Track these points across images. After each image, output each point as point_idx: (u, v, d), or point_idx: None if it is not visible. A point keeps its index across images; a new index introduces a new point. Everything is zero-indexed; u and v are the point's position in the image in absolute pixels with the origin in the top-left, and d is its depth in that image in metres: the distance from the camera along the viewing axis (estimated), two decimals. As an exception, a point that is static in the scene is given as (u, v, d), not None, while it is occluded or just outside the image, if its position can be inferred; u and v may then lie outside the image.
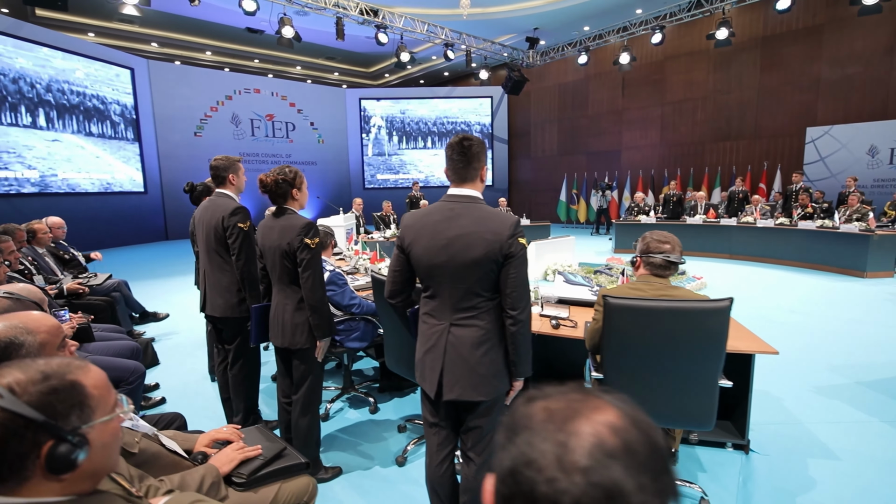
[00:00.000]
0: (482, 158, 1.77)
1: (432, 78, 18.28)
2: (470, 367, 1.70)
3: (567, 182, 14.48)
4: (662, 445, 0.48)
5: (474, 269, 1.66)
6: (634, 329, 1.90)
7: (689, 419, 1.98)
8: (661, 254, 2.05)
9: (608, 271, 6.00)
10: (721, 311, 1.80)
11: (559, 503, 0.42)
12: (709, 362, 1.87)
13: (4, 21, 9.72)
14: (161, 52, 14.83)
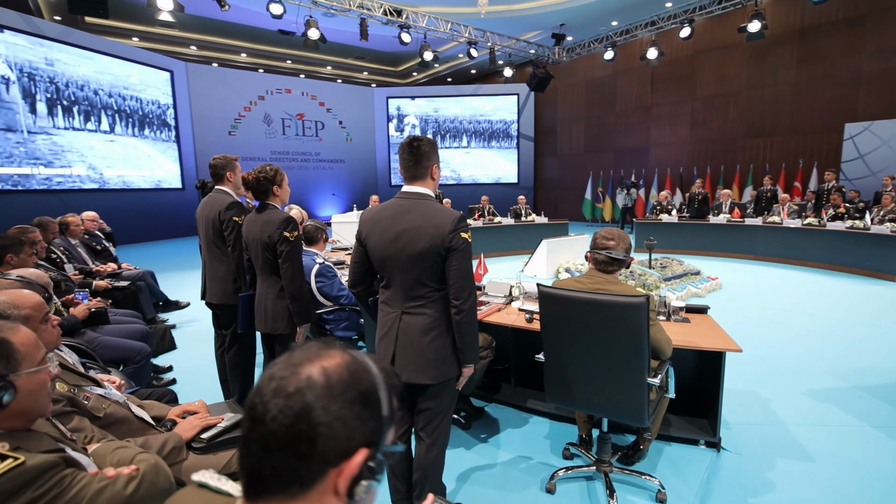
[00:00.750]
0: (432, 157, 1.87)
1: (460, 76, 18.36)
2: (418, 353, 1.83)
3: (593, 180, 14.28)
4: (366, 387, 0.61)
5: (420, 260, 1.78)
6: (562, 318, 1.98)
7: (621, 411, 2.03)
8: (604, 250, 2.11)
9: (617, 270, 5.95)
10: (636, 306, 1.84)
11: (264, 417, 0.57)
12: (631, 356, 1.91)
13: (54, 28, 10.46)
14: (199, 55, 15.53)
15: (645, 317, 1.87)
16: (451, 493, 2.26)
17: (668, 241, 8.87)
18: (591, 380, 2.02)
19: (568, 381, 2.07)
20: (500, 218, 9.35)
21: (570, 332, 1.99)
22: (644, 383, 1.94)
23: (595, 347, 1.96)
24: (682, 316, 2.69)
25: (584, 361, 2.01)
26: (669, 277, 5.90)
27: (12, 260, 2.71)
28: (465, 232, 1.79)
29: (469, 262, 1.81)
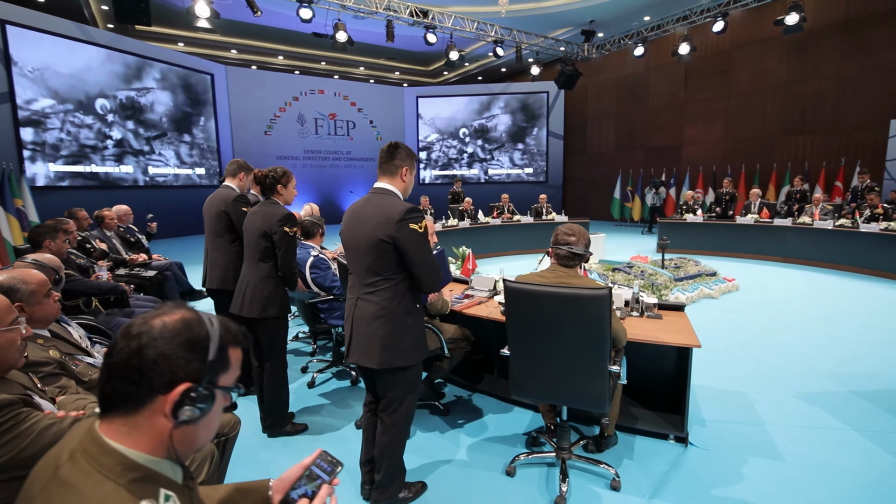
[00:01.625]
0: (405, 161, 2.04)
1: (490, 74, 18.40)
2: (364, 337, 2.00)
3: (622, 179, 14.04)
4: (195, 336, 0.79)
5: (370, 249, 1.95)
6: (527, 311, 2.07)
7: (583, 399, 2.11)
8: (566, 245, 2.19)
9: (627, 269, 5.94)
10: (599, 298, 1.92)
11: (112, 351, 0.76)
12: (594, 346, 1.99)
13: (105, 35, 11.25)
14: (239, 58, 16.27)
15: (607, 309, 1.95)
16: (417, 471, 2.41)
17: (692, 241, 8.67)
18: (554, 370, 2.10)
19: (532, 373, 2.16)
20: (519, 216, 9.39)
21: (535, 325, 2.08)
22: (606, 371, 2.03)
23: (559, 339, 2.04)
24: (655, 312, 2.73)
25: (549, 353, 2.09)
26: (681, 278, 5.82)
27: (49, 245, 3.06)
28: (415, 223, 1.92)
29: (423, 251, 1.94)
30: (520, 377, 2.20)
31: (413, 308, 2.04)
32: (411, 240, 1.90)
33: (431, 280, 2.01)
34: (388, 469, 2.10)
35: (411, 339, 2.02)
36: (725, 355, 3.92)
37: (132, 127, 11.71)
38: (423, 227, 1.94)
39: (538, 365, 2.13)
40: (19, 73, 9.54)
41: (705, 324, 4.76)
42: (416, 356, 2.06)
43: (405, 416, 2.11)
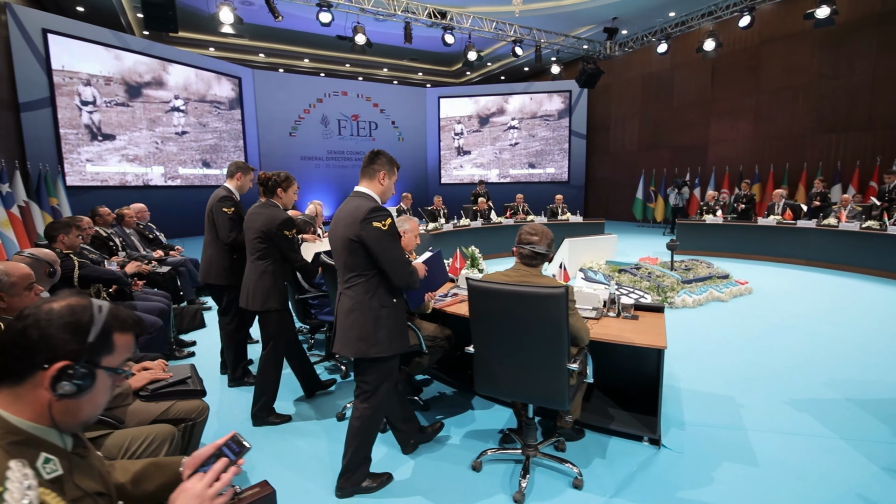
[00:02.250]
0: (384, 167, 2.18)
1: (512, 74, 18.32)
2: (343, 329, 2.15)
3: (645, 179, 13.75)
4: (78, 320, 0.89)
5: (343, 248, 2.09)
6: (489, 309, 2.10)
7: (544, 397, 2.13)
8: (528, 245, 2.22)
9: (634, 271, 5.86)
10: (556, 297, 1.94)
11: (5, 331, 0.86)
12: (552, 343, 2.01)
13: (140, 42, 11.80)
14: (267, 62, 16.76)
15: (564, 306, 1.97)
16: (386, 462, 2.48)
17: (711, 243, 8.44)
18: (516, 368, 2.14)
19: (496, 370, 2.19)
20: (532, 216, 9.34)
21: (497, 323, 2.11)
22: (564, 369, 2.05)
23: (520, 336, 2.08)
24: (631, 313, 2.72)
25: (510, 350, 2.13)
26: (690, 280, 5.69)
27: (63, 239, 3.27)
28: (378, 221, 2.02)
29: (390, 248, 2.04)
30: (484, 374, 2.23)
31: (388, 302, 2.15)
32: (375, 237, 2.01)
33: (401, 275, 2.11)
34: (355, 455, 2.20)
35: (385, 332, 2.12)
36: (721, 358, 3.83)
37: (162, 129, 12.24)
38: (388, 225, 2.04)
39: (500, 362, 2.17)
40: (59, 79, 10.12)
41: (707, 327, 4.65)
42: (391, 348, 2.15)
43: (377, 404, 2.21)
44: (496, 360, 2.17)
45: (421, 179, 17.28)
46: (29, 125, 9.67)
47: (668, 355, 3.86)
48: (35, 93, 9.82)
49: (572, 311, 2.15)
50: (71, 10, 11.66)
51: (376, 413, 2.23)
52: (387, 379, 2.22)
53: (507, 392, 2.24)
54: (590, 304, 2.82)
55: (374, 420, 2.23)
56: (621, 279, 5.69)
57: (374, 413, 2.22)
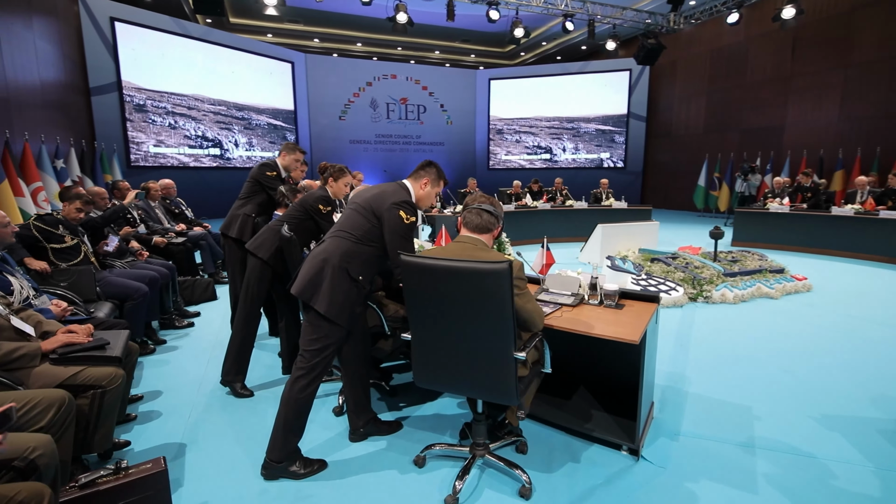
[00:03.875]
0: (431, 178, 2.29)
1: (569, 53, 17.38)
2: (305, 266, 2.20)
3: (708, 164, 12.57)
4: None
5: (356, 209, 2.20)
6: (423, 289, 1.83)
7: (489, 390, 1.85)
8: (475, 205, 1.95)
9: (669, 260, 5.31)
10: (497, 273, 1.64)
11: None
12: (495, 328, 1.73)
13: (199, 28, 12.33)
14: (322, 47, 17.04)
15: (507, 285, 1.67)
16: (326, 446, 2.31)
17: (775, 234, 7.52)
18: (456, 356, 1.87)
19: (434, 359, 1.94)
20: (572, 201, 8.79)
21: (433, 305, 1.84)
22: (511, 358, 1.76)
23: (459, 320, 1.80)
24: (614, 301, 2.33)
25: (449, 336, 1.86)
26: (734, 273, 5.03)
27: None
28: (406, 212, 2.13)
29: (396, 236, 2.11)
30: (421, 364, 1.98)
31: (361, 276, 2.13)
32: (394, 222, 2.10)
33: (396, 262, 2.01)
34: (283, 431, 2.06)
35: (341, 296, 2.07)
36: (748, 363, 3.31)
37: (218, 112, 12.78)
38: (411, 222, 2.12)
39: (438, 350, 1.91)
40: (125, 65, 10.79)
41: (745, 326, 4.07)
42: (333, 312, 2.05)
43: (311, 372, 2.08)
44: (434, 347, 1.91)
45: (468, 164, 16.96)
46: (98, 108, 10.41)
47: (684, 355, 3.39)
48: (103, 78, 10.54)
49: (521, 291, 1.85)
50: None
51: (310, 385, 2.10)
52: (326, 348, 2.10)
53: (448, 385, 1.97)
54: (568, 290, 2.46)
55: (306, 394, 2.09)
56: (652, 269, 5.15)
57: (308, 385, 2.09)
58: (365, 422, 2.39)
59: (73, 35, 9.73)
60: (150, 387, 3.01)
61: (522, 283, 1.86)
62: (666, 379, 3.05)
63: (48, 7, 8.65)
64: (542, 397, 2.63)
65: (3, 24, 6.89)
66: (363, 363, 2.36)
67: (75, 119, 9.52)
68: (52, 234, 3.22)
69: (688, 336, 3.83)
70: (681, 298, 4.60)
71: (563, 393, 2.66)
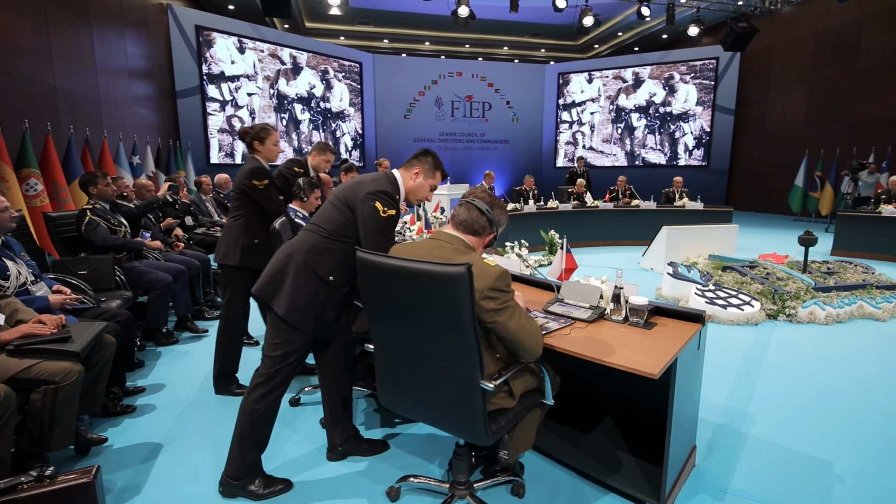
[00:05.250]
0: (424, 168, 1.98)
1: (648, 43, 16.17)
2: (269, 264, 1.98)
3: (808, 162, 11.01)
4: None
5: (331, 203, 1.92)
6: (376, 291, 1.52)
7: (454, 423, 1.51)
8: (470, 197, 1.63)
9: (745, 269, 4.58)
10: (452, 278, 1.30)
11: None
12: (453, 348, 1.39)
13: (274, 33, 12.89)
14: (391, 47, 17.26)
15: (465, 294, 1.32)
16: (296, 462, 2.07)
17: (884, 244, 6.32)
18: (416, 377, 1.56)
19: (395, 377, 1.63)
20: (638, 201, 8.01)
21: (389, 312, 1.55)
22: (475, 386, 1.41)
23: (415, 334, 1.50)
24: (642, 319, 1.86)
25: (407, 352, 1.55)
26: (828, 288, 4.19)
27: (93, 191, 3.44)
28: (382, 203, 1.82)
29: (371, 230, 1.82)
30: (382, 380, 1.68)
31: (341, 278, 1.89)
32: (368, 216, 1.81)
33: None
34: (242, 443, 1.84)
35: (304, 300, 1.83)
36: (834, 400, 2.65)
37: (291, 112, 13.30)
38: (388, 216, 1.82)
39: (399, 367, 1.59)
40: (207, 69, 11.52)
41: (838, 354, 3.33)
42: (296, 318, 1.82)
43: (271, 381, 1.85)
44: (394, 363, 1.60)
45: (534, 162, 16.35)
46: (182, 110, 11.20)
47: (750, 387, 2.79)
48: (188, 82, 11.32)
49: (503, 305, 1.46)
50: (224, 7, 13.22)
51: (272, 394, 1.86)
52: (290, 355, 1.86)
53: (410, 409, 1.65)
54: (586, 301, 2.03)
55: (269, 404, 1.86)
56: (723, 278, 4.44)
57: (269, 394, 1.86)
58: (343, 439, 2.12)
59: (162, 43, 10.51)
60: (158, 379, 2.98)
61: (505, 297, 1.47)
62: (721, 415, 2.49)
63: (139, 19, 9.39)
64: (555, 427, 2.21)
65: (98, 34, 7.51)
66: (343, 374, 2.09)
67: (163, 120, 10.29)
68: (109, 224, 3.37)
69: (759, 362, 3.18)
70: (756, 315, 3.89)
71: (582, 424, 2.23)
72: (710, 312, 3.98)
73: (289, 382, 1.91)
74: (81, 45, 6.89)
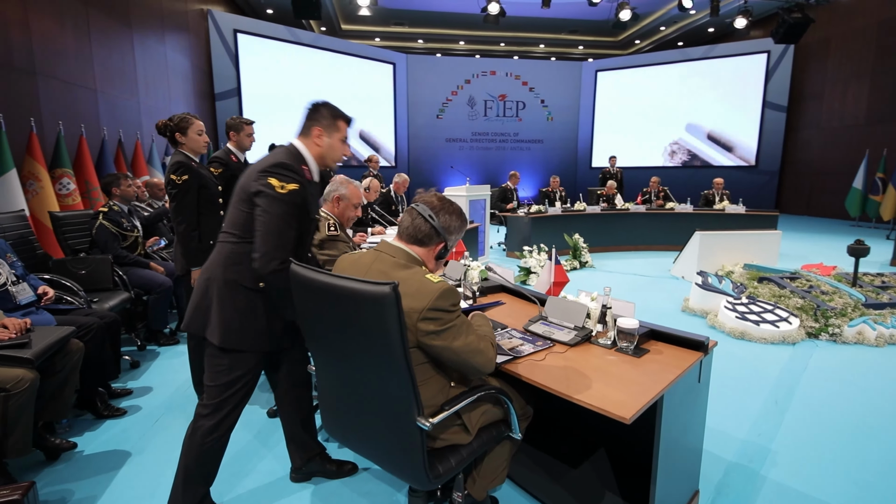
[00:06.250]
0: (324, 124, 1.74)
1: (692, 38, 15.36)
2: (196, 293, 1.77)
3: (869, 162, 10.09)
4: None
5: (237, 199, 1.65)
6: (306, 309, 1.37)
7: (389, 462, 1.34)
8: (418, 206, 1.43)
9: (785, 282, 4.17)
10: (376, 298, 1.12)
11: None
12: (384, 378, 1.21)
13: (309, 35, 13.08)
14: (425, 47, 17.20)
15: (392, 318, 1.14)
16: (261, 481, 1.95)
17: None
18: (351, 409, 1.40)
19: (332, 408, 1.48)
20: (672, 203, 7.54)
21: (320, 336, 1.38)
22: (411, 423, 1.22)
23: (346, 361, 1.34)
24: (631, 344, 1.62)
25: (341, 381, 1.39)
26: (881, 304, 3.72)
27: (116, 191, 3.50)
28: (278, 178, 1.57)
29: (273, 215, 1.55)
30: (324, 410, 1.51)
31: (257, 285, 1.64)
32: (267, 196, 1.54)
33: (260, 252, 1.53)
34: (187, 480, 1.66)
35: (238, 316, 1.62)
36: (880, 439, 2.28)
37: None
38: (288, 192, 1.55)
39: (335, 396, 1.43)
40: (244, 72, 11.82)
41: (889, 380, 2.91)
42: (239, 341, 1.62)
43: (218, 412, 1.64)
44: (331, 392, 1.44)
45: (569, 162, 15.88)
46: (220, 112, 11.53)
47: (777, 419, 2.47)
48: (226, 84, 11.64)
49: (443, 327, 1.27)
50: (262, 12, 13.54)
51: (216, 429, 1.64)
52: (234, 385, 1.64)
53: (349, 442, 1.47)
54: (570, 321, 1.80)
55: (211, 438, 1.64)
56: (759, 291, 4.03)
57: (213, 428, 1.64)
58: (306, 460, 1.98)
59: (202, 47, 10.84)
60: (148, 381, 2.95)
61: (448, 317, 1.28)
62: (737, 452, 2.19)
63: (180, 23, 9.70)
64: (539, 458, 1.99)
65: (139, 38, 7.78)
66: (301, 386, 1.92)
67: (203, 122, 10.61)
68: (120, 229, 3.40)
69: (792, 389, 2.82)
70: (794, 333, 3.49)
71: (570, 455, 2.00)
72: (741, 329, 3.62)
73: (240, 411, 1.71)
74: (122, 50, 7.15)
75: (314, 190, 1.75)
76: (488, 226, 6.53)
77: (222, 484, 1.90)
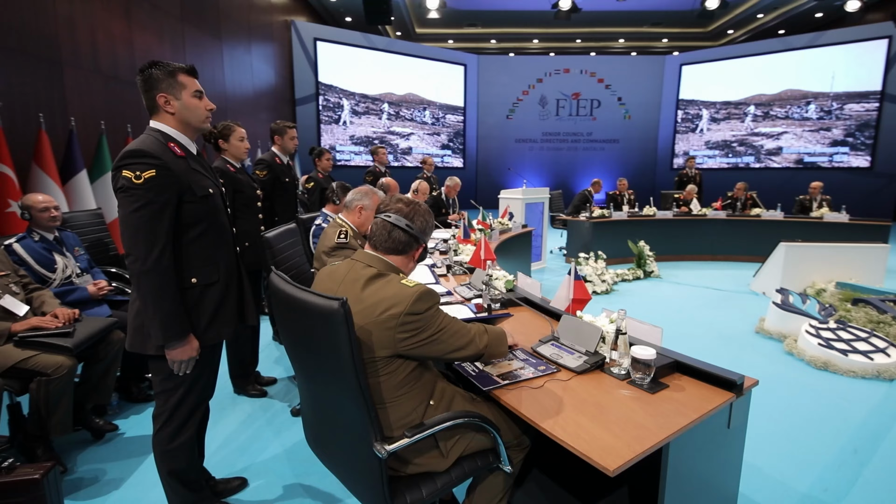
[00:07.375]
0: (157, 86, 1.52)
1: (796, 25, 13.79)
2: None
3: None
4: None
5: None
6: (283, 320, 1.33)
7: (355, 485, 1.27)
8: (384, 213, 1.36)
9: (886, 305, 3.58)
10: (326, 313, 1.06)
11: None
12: (339, 392, 1.16)
13: (382, 40, 13.47)
14: (498, 48, 17.04)
15: (342, 335, 1.08)
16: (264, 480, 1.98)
17: None
18: (319, 424, 1.37)
19: (308, 420, 1.45)
20: (759, 209, 6.78)
21: (290, 346, 1.35)
22: (369, 449, 1.14)
23: (311, 376, 1.31)
24: (647, 377, 1.42)
25: (311, 395, 1.37)
26: None
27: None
28: (130, 169, 1.40)
29: (131, 211, 1.40)
30: (304, 421, 1.49)
31: (200, 274, 1.55)
32: (124, 192, 1.41)
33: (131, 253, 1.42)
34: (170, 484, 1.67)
35: None
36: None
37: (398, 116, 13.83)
38: (144, 179, 1.39)
39: (310, 410, 1.41)
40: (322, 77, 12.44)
41: None
42: None
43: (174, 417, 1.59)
44: (305, 404, 1.42)
45: (648, 163, 14.95)
46: (300, 116, 12.24)
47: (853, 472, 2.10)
48: (305, 90, 12.33)
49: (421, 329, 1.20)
50: (341, 20, 14.17)
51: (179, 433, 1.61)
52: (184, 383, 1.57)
53: (323, 457, 1.43)
54: (582, 345, 1.62)
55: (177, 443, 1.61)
56: (852, 315, 3.47)
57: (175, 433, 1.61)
58: None
59: (285, 55, 11.56)
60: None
61: (423, 318, 1.21)
62: (794, 508, 1.87)
63: (265, 34, 10.41)
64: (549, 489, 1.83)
65: (228, 49, 8.46)
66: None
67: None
68: None
69: (879, 436, 2.38)
70: (891, 368, 2.96)
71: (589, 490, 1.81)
72: (825, 358, 3.13)
73: (200, 410, 1.67)
74: (213, 61, 7.79)
75: (196, 164, 1.58)
76: (546, 230, 6.28)
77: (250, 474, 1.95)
